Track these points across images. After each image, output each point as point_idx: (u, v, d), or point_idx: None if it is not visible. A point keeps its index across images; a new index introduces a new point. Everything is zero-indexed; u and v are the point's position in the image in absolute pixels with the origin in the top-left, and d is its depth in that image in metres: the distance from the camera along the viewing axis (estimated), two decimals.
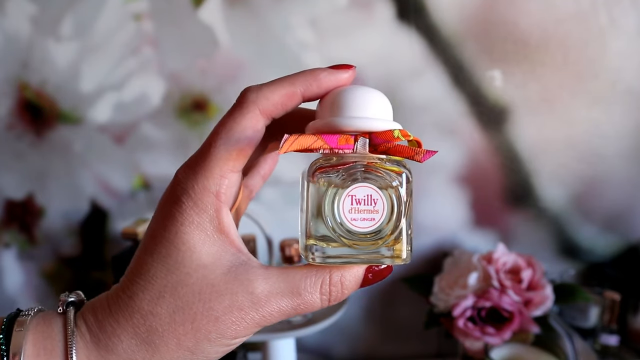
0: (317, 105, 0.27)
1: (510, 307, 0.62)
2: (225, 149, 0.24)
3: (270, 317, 0.24)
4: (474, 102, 0.74)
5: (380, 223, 0.23)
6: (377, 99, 0.25)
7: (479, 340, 0.63)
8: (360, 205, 0.23)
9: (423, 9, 0.71)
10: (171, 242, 0.24)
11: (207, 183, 0.24)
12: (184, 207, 0.24)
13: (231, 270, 0.24)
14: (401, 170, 0.24)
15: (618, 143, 0.75)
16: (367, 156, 0.24)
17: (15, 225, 0.78)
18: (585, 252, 0.79)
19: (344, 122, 0.24)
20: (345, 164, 0.24)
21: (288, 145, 0.23)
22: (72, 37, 0.71)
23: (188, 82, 0.73)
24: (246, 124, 0.24)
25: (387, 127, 0.24)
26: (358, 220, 0.23)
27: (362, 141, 0.24)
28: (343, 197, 0.23)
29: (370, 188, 0.23)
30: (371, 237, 0.24)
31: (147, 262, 0.24)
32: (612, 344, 0.72)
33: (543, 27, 0.71)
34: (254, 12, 0.71)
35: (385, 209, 0.23)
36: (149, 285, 0.23)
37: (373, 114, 0.24)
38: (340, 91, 0.25)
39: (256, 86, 0.25)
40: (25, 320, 0.23)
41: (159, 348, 0.23)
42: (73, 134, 0.74)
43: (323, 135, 0.23)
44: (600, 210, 0.78)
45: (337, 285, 0.25)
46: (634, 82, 0.73)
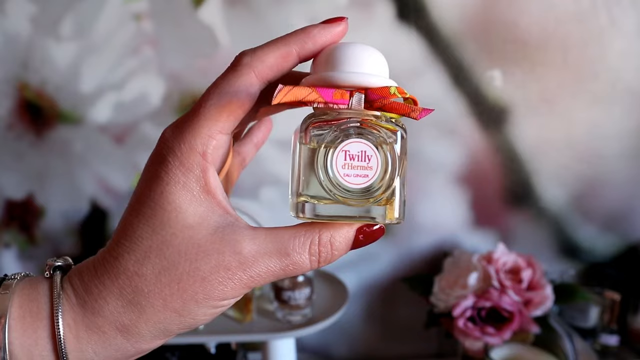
0: (312, 63, 0.26)
1: (510, 307, 0.62)
2: (216, 109, 0.24)
3: (258, 278, 0.23)
4: (474, 102, 0.74)
5: (374, 180, 0.23)
6: (374, 55, 0.25)
7: (479, 340, 0.63)
8: (353, 161, 0.23)
9: (423, 8, 0.71)
10: (156, 202, 0.23)
11: (194, 142, 0.24)
12: (169, 167, 0.24)
13: (218, 230, 0.23)
14: (396, 129, 0.23)
15: (618, 143, 0.75)
16: (362, 112, 0.23)
17: (15, 225, 0.78)
18: (585, 252, 0.79)
19: (340, 76, 0.23)
20: (339, 120, 0.23)
21: (282, 95, 0.22)
22: (72, 37, 0.71)
23: (188, 82, 0.73)
24: (239, 86, 0.24)
25: (384, 83, 0.24)
26: (351, 176, 0.23)
27: (357, 97, 0.23)
28: (337, 152, 0.23)
29: (364, 144, 0.23)
30: (364, 194, 0.23)
31: (133, 223, 0.24)
32: (612, 344, 0.72)
33: (543, 27, 0.71)
34: (254, 12, 0.71)
35: (380, 166, 0.23)
36: (135, 246, 0.23)
37: (369, 69, 0.24)
38: (335, 46, 0.25)
39: (250, 49, 0.25)
40: (10, 284, 0.23)
41: (145, 309, 0.23)
42: (73, 134, 0.74)
43: (318, 88, 0.23)
44: (600, 210, 0.78)
45: (326, 246, 0.24)
46: (634, 82, 0.73)
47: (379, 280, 0.80)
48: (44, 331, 0.22)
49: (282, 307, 0.62)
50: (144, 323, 0.23)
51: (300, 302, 0.62)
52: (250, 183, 0.74)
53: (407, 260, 0.79)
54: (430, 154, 0.75)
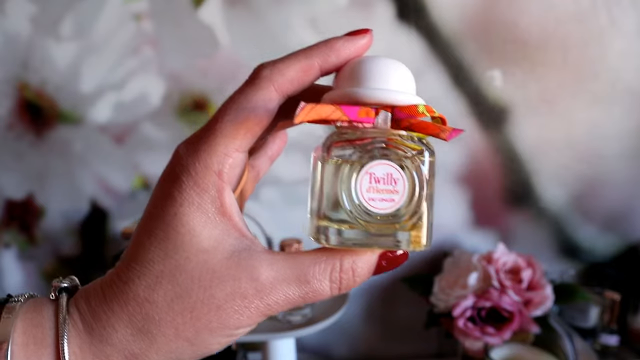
0: (334, 77, 0.25)
1: (510, 307, 0.62)
2: (233, 125, 0.22)
3: (275, 306, 0.22)
4: (474, 102, 0.74)
5: (401, 204, 0.21)
6: (401, 71, 0.23)
7: (479, 340, 0.63)
8: (379, 184, 0.21)
9: (423, 9, 0.71)
10: (169, 224, 0.22)
11: (209, 161, 0.22)
12: (183, 187, 0.22)
13: (234, 255, 0.22)
14: (423, 149, 0.22)
15: (618, 143, 0.75)
16: (389, 132, 0.22)
17: (15, 225, 0.78)
18: (585, 252, 0.79)
19: (365, 93, 0.22)
20: (363, 139, 0.22)
21: (304, 114, 0.21)
22: (72, 37, 0.71)
23: (188, 82, 0.73)
24: (257, 101, 0.22)
25: (411, 101, 0.22)
26: (376, 200, 0.21)
27: (383, 115, 0.22)
28: (361, 175, 0.21)
29: (390, 166, 0.21)
30: (389, 219, 0.21)
31: (144, 245, 0.22)
32: (612, 344, 0.72)
33: (543, 27, 0.71)
34: (254, 12, 0.71)
35: (406, 190, 0.21)
36: (146, 270, 0.22)
37: (396, 86, 0.22)
38: (360, 60, 0.23)
39: (270, 62, 0.23)
40: (14, 307, 0.22)
41: (156, 338, 0.21)
42: (73, 134, 0.74)
43: (342, 106, 0.21)
44: (600, 210, 0.78)
45: (348, 273, 0.23)
46: (634, 82, 0.73)
47: (379, 280, 0.80)
48: (49, 359, 0.21)
49: None
50: (154, 353, 0.22)
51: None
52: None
53: (407, 260, 0.79)
54: None
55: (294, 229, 0.71)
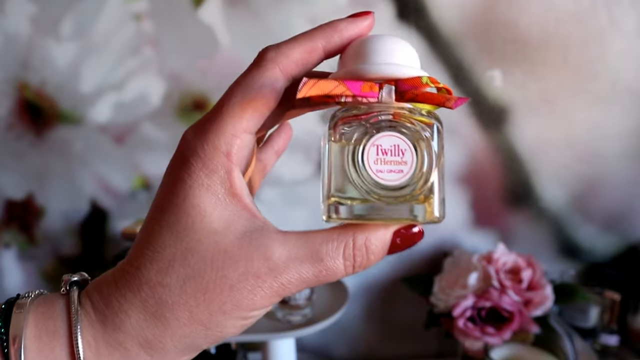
0: (339, 58, 0.25)
1: (510, 307, 0.62)
2: (240, 106, 0.22)
3: (289, 286, 0.22)
4: (474, 102, 0.74)
5: (410, 176, 0.21)
6: (403, 46, 0.23)
7: (479, 340, 0.63)
8: (386, 156, 0.21)
9: (423, 8, 0.71)
10: (179, 207, 0.22)
11: (217, 142, 0.22)
12: (192, 169, 0.22)
13: (245, 235, 0.22)
14: (431, 122, 0.22)
15: (618, 143, 0.75)
16: (394, 105, 0.22)
17: (15, 225, 0.78)
18: (585, 252, 0.79)
19: (368, 68, 0.22)
20: (369, 114, 0.22)
21: (307, 88, 0.21)
22: (72, 37, 0.71)
23: (188, 82, 0.73)
24: (264, 82, 0.22)
25: (415, 73, 0.22)
26: (384, 172, 0.21)
27: (387, 88, 0.22)
28: (368, 147, 0.21)
29: (397, 137, 0.21)
30: (399, 191, 0.21)
31: (154, 230, 0.22)
32: (612, 344, 0.72)
33: (543, 27, 0.71)
34: (254, 12, 0.71)
35: (415, 161, 0.21)
36: (157, 255, 0.21)
37: (399, 60, 0.23)
38: (362, 39, 0.24)
39: (275, 45, 0.24)
40: (25, 303, 0.22)
41: (169, 322, 0.21)
42: (73, 134, 0.74)
43: (345, 81, 0.21)
44: (600, 210, 0.78)
45: (361, 249, 0.22)
46: (634, 82, 0.73)
47: (379, 280, 0.80)
48: (62, 350, 0.21)
49: (282, 307, 0.62)
50: (168, 337, 0.21)
51: (300, 302, 0.62)
52: None
53: (407, 260, 0.79)
54: None
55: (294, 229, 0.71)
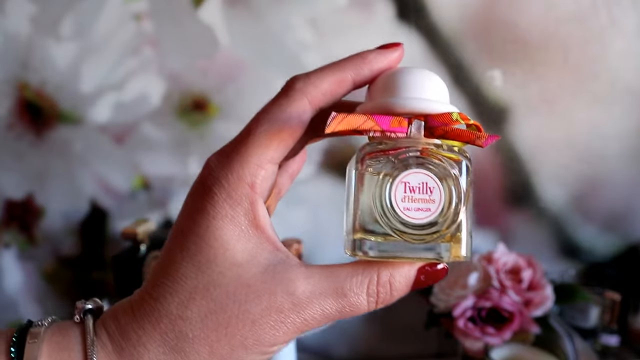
0: (367, 90, 0.25)
1: (510, 307, 0.62)
2: (266, 136, 0.22)
3: (312, 321, 0.21)
4: (474, 102, 0.74)
5: (437, 214, 0.21)
6: (433, 80, 0.23)
7: (479, 340, 0.63)
8: (414, 194, 0.21)
9: (423, 8, 0.71)
10: (202, 238, 0.21)
11: (242, 173, 0.21)
12: (216, 199, 0.21)
13: (268, 268, 0.21)
14: (460, 158, 0.22)
15: (618, 143, 0.75)
16: (422, 141, 0.22)
17: (15, 225, 0.78)
18: (586, 252, 0.79)
19: (398, 102, 0.22)
20: (397, 149, 0.21)
21: (336, 123, 0.20)
22: (72, 37, 0.71)
23: (188, 82, 0.73)
24: (291, 112, 0.22)
25: (445, 109, 0.22)
26: (412, 210, 0.21)
27: (416, 124, 0.22)
28: (395, 184, 0.21)
29: (425, 175, 0.21)
30: (426, 229, 0.21)
31: (175, 260, 0.22)
32: (612, 344, 0.72)
33: (543, 27, 0.71)
34: (254, 12, 0.71)
35: (443, 199, 0.21)
36: (178, 286, 0.21)
37: (429, 95, 0.22)
38: (392, 72, 0.23)
39: (304, 74, 0.23)
40: (39, 332, 0.21)
41: (189, 356, 0.21)
42: (73, 134, 0.74)
43: (374, 116, 0.21)
44: (600, 210, 0.78)
45: (385, 286, 0.22)
46: (634, 82, 0.73)
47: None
48: None
49: None
50: None
51: None
52: None
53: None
54: None
55: (294, 230, 0.71)
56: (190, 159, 0.75)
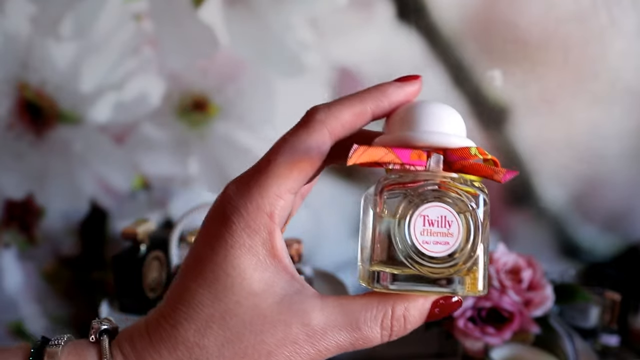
0: (385, 121, 0.25)
1: (510, 307, 0.62)
2: (286, 166, 0.22)
3: (326, 352, 0.22)
4: (474, 102, 0.74)
5: (455, 248, 0.21)
6: (451, 115, 0.23)
7: (479, 340, 0.63)
8: (433, 227, 0.21)
9: (423, 8, 0.71)
10: (219, 266, 0.21)
11: (261, 202, 0.22)
12: (234, 228, 0.22)
13: (284, 299, 0.21)
14: (477, 192, 0.22)
15: (618, 143, 0.75)
16: (440, 174, 0.22)
17: (15, 225, 0.78)
18: (586, 252, 0.79)
19: (417, 136, 0.22)
20: (416, 182, 0.22)
21: (357, 156, 0.21)
22: (72, 37, 0.71)
23: (188, 82, 0.73)
24: (311, 143, 0.22)
25: (463, 143, 0.22)
26: (431, 243, 0.21)
27: (435, 158, 0.22)
28: (415, 217, 0.21)
29: (444, 209, 0.21)
30: (444, 263, 0.21)
31: (192, 287, 0.21)
32: (612, 344, 0.72)
33: (543, 27, 0.71)
34: (254, 12, 0.71)
35: (461, 233, 0.21)
36: (194, 313, 0.21)
37: (448, 129, 0.23)
38: (411, 105, 0.24)
39: (324, 105, 0.23)
40: (55, 352, 0.21)
41: None
42: (73, 134, 0.74)
43: (394, 149, 0.21)
44: (600, 210, 0.78)
45: (399, 320, 0.22)
46: (634, 82, 0.73)
47: None
48: None
49: None
50: None
51: None
52: None
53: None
54: None
55: (293, 230, 0.71)
56: (190, 159, 0.75)
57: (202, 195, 0.75)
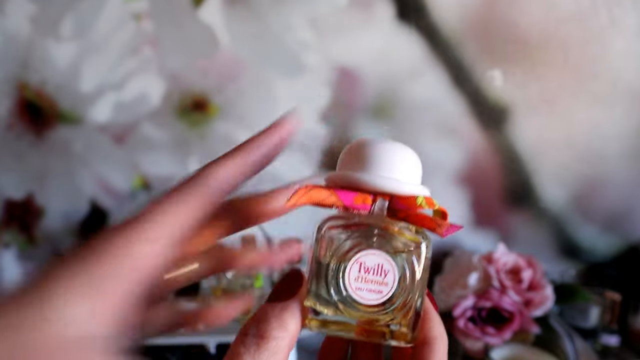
0: (342, 154, 0.24)
1: (510, 307, 0.62)
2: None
3: None
4: (474, 102, 0.74)
5: (388, 297, 0.21)
6: (405, 158, 0.22)
7: (479, 340, 0.63)
8: (368, 275, 0.21)
9: (423, 8, 0.71)
10: None
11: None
12: None
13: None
14: (419, 240, 0.21)
15: (618, 143, 0.75)
16: (385, 221, 0.21)
17: (15, 225, 0.78)
18: (586, 252, 0.79)
19: (364, 178, 0.22)
20: (359, 226, 0.21)
21: (297, 198, 0.21)
22: (72, 37, 0.71)
23: (188, 82, 0.73)
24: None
25: (412, 191, 0.22)
26: (364, 290, 0.21)
27: (380, 203, 0.22)
28: (351, 263, 0.21)
29: (382, 257, 0.21)
30: (375, 311, 0.21)
31: None
32: (612, 344, 0.72)
33: (543, 27, 0.71)
34: (254, 12, 0.71)
35: (396, 284, 0.21)
36: None
37: (398, 174, 0.22)
38: (365, 142, 0.23)
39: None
40: None
41: None
42: (73, 134, 0.74)
43: (337, 191, 0.21)
44: (600, 210, 0.78)
45: None
46: (634, 82, 0.73)
47: None
48: None
49: None
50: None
51: None
52: (250, 183, 0.74)
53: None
54: (430, 154, 0.75)
55: (293, 229, 0.71)
56: (190, 159, 0.75)
57: None
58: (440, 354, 0.22)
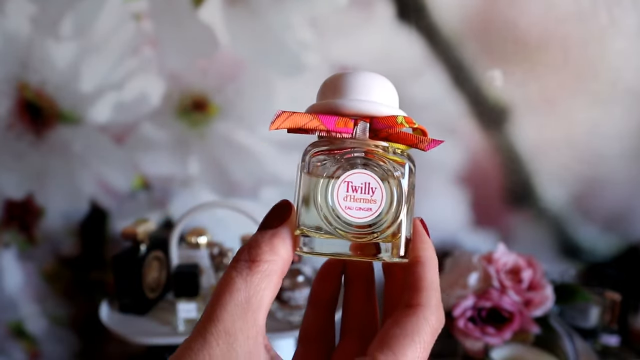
0: (318, 91, 0.25)
1: (510, 307, 0.62)
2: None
3: None
4: (474, 102, 0.74)
5: (378, 214, 0.21)
6: (382, 84, 0.23)
7: (479, 340, 0.63)
8: (356, 193, 0.21)
9: (423, 8, 0.71)
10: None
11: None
12: None
13: None
14: (404, 161, 0.22)
15: (618, 143, 0.75)
16: (367, 142, 0.22)
17: (15, 225, 0.78)
18: (586, 252, 0.79)
19: (344, 103, 0.22)
20: (342, 149, 0.22)
21: (280, 121, 0.21)
22: (72, 37, 0.71)
23: (188, 82, 0.73)
24: None
25: (391, 112, 0.22)
26: (353, 209, 0.21)
27: (362, 125, 0.22)
28: (338, 183, 0.21)
29: (368, 175, 0.21)
30: (366, 229, 0.21)
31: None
32: (612, 344, 0.72)
33: (543, 27, 0.71)
34: (254, 12, 0.71)
35: (384, 200, 0.21)
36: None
37: (376, 98, 0.23)
38: (341, 74, 0.23)
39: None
40: None
41: None
42: (73, 134, 0.74)
43: (320, 116, 0.22)
44: (600, 210, 0.78)
45: None
46: (634, 82, 0.73)
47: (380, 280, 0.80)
48: None
49: (282, 307, 0.62)
50: None
51: (300, 302, 0.62)
52: (250, 183, 0.74)
53: None
54: (431, 154, 0.75)
55: None
56: (190, 158, 0.75)
57: (202, 195, 0.75)
58: (432, 273, 0.22)
